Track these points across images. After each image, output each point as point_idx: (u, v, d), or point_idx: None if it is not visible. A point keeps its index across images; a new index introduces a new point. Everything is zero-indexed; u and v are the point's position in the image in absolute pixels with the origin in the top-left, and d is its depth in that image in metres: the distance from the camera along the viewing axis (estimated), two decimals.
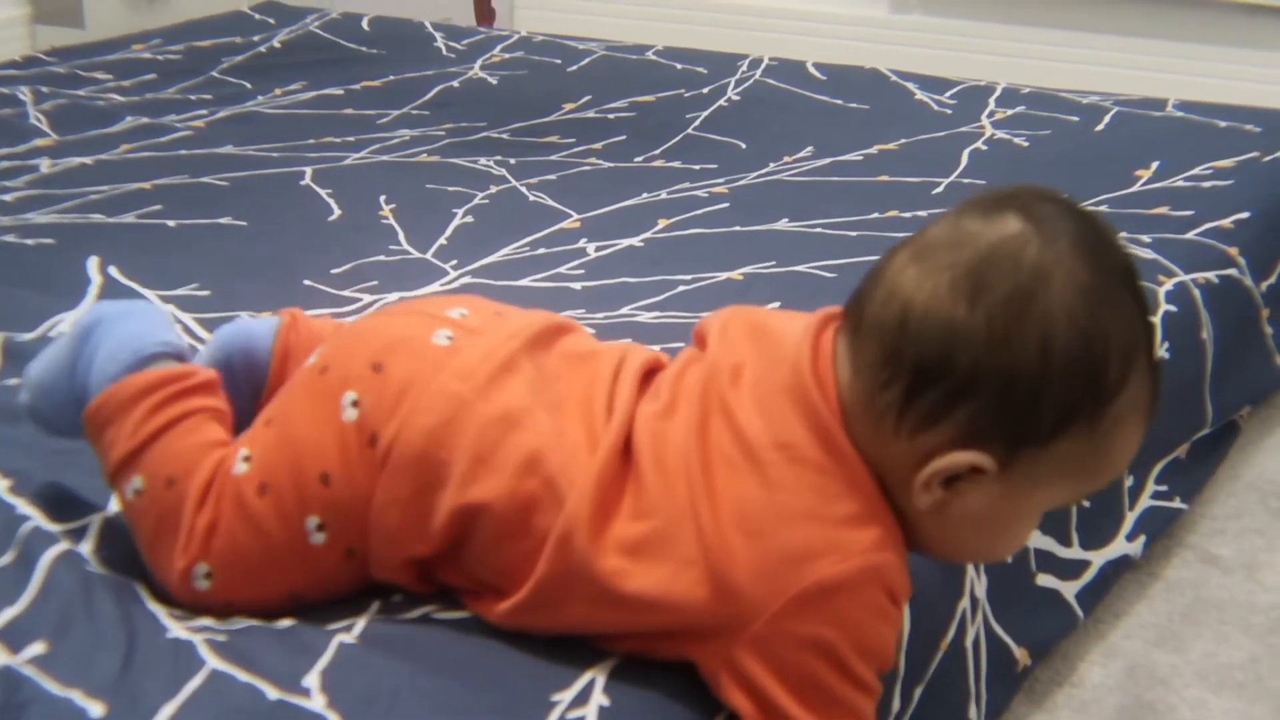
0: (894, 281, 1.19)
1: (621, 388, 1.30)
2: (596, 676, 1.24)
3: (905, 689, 1.44)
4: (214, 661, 1.24)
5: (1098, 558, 1.87)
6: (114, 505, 1.44)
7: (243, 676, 1.22)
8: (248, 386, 1.48)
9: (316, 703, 1.18)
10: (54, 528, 1.42)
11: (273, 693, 1.20)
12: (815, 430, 1.20)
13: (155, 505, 1.34)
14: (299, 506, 1.30)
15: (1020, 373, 1.15)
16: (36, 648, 1.24)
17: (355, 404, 1.30)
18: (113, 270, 2.10)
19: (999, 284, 1.15)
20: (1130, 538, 1.94)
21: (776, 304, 1.99)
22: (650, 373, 1.34)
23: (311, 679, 1.21)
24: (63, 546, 1.38)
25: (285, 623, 1.31)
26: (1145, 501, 2.01)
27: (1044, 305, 1.15)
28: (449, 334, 1.33)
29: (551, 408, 1.29)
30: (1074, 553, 1.82)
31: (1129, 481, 1.95)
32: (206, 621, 1.31)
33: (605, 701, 1.20)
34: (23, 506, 1.45)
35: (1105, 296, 1.17)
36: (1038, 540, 1.73)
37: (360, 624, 1.31)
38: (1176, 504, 2.08)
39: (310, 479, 1.30)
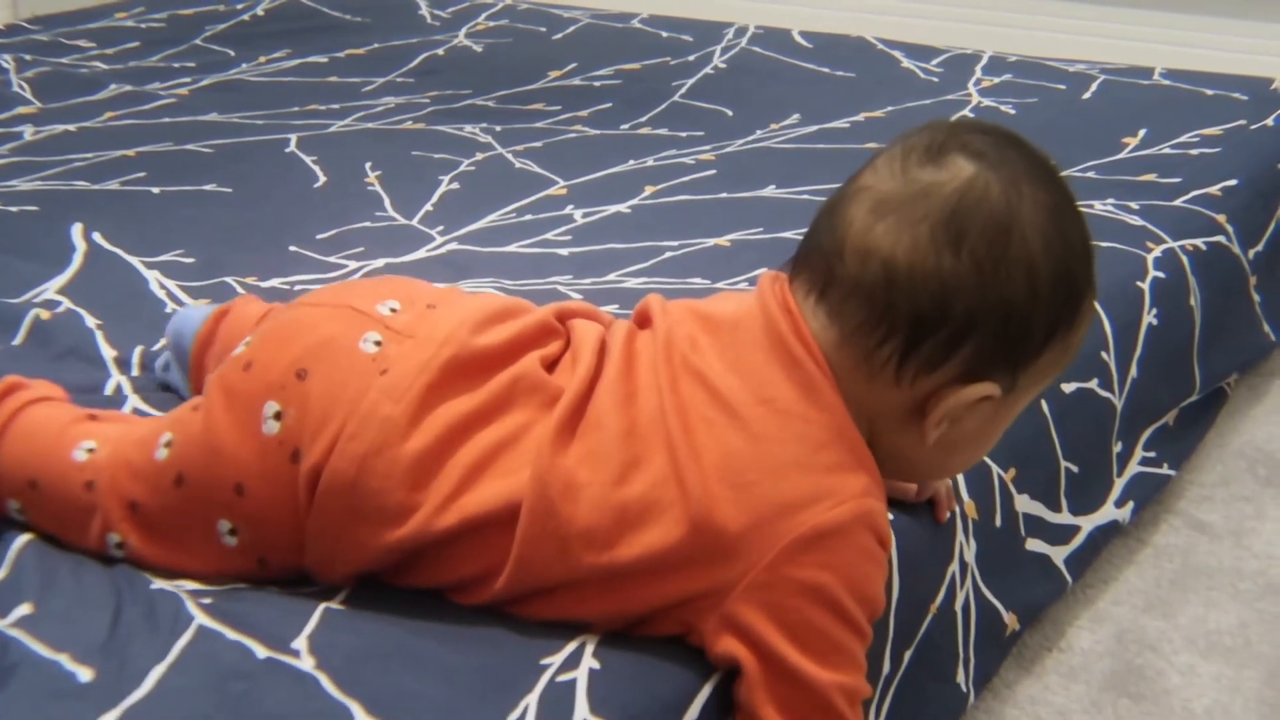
0: (864, 240, 1.20)
1: (580, 364, 1.28)
2: (586, 640, 1.23)
3: (895, 651, 1.44)
4: (202, 618, 1.23)
5: (1086, 523, 1.87)
6: None
7: (231, 635, 1.21)
8: (185, 373, 1.51)
9: (306, 663, 1.18)
10: None
11: (262, 651, 1.19)
12: (800, 383, 1.21)
13: (40, 510, 1.35)
14: (211, 509, 1.28)
15: (1014, 304, 1.19)
16: (23, 609, 1.24)
17: (277, 416, 1.26)
18: (97, 237, 2.09)
19: (976, 227, 1.18)
20: (1119, 504, 1.94)
21: (763, 270, 1.98)
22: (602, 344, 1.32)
23: (300, 641, 1.20)
24: None
25: (270, 587, 1.31)
26: (1134, 468, 2.00)
27: (1021, 237, 1.18)
28: (377, 338, 1.28)
29: (494, 407, 1.25)
30: (1063, 518, 1.82)
31: (1118, 448, 1.95)
32: (188, 584, 1.31)
33: (595, 665, 1.20)
34: None
35: (1064, 210, 1.22)
36: (1027, 505, 1.73)
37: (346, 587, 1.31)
38: (1165, 470, 2.07)
39: (224, 486, 1.27)
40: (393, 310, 1.30)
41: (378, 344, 1.27)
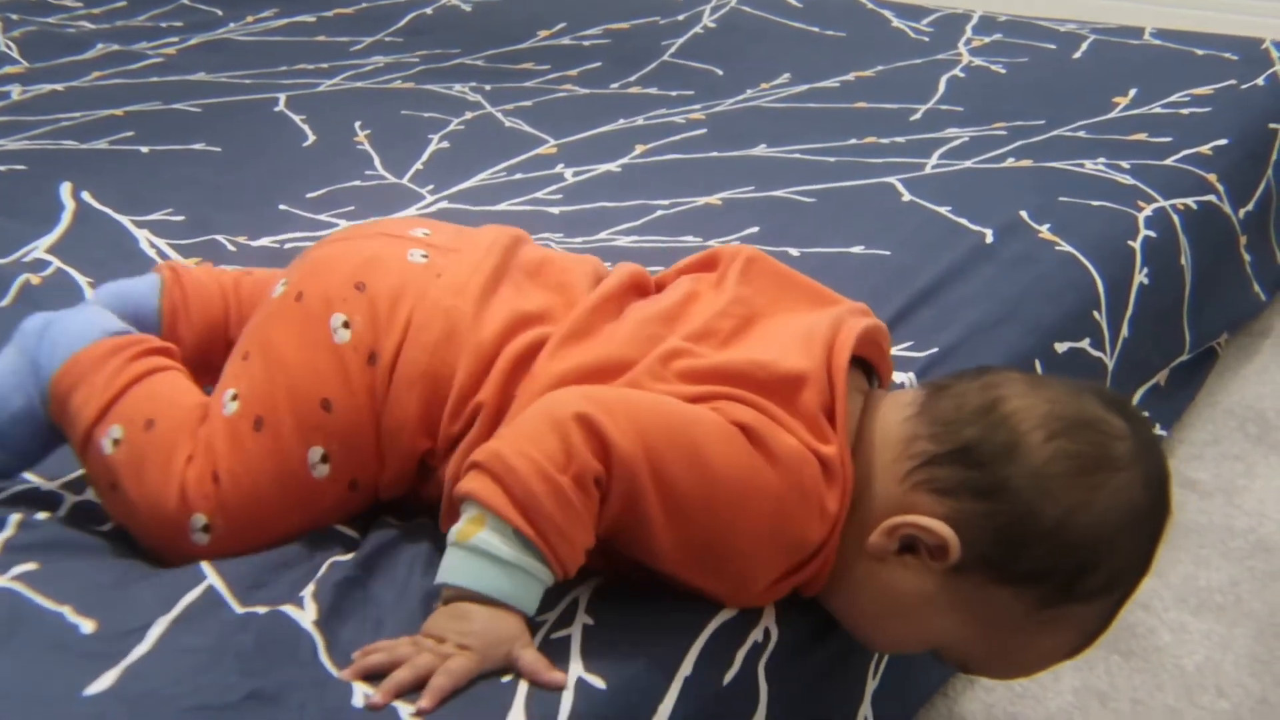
0: (1001, 381, 1.23)
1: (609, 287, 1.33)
2: (579, 595, 1.22)
3: None
4: (211, 574, 1.22)
5: None
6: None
7: (235, 590, 1.20)
8: None
9: (307, 615, 1.17)
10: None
11: (264, 608, 1.18)
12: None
13: (136, 449, 1.29)
14: (301, 437, 1.27)
15: (1036, 516, 1.18)
16: (27, 565, 1.23)
17: (346, 325, 1.28)
18: (85, 196, 2.08)
19: (1080, 444, 1.19)
20: None
21: (755, 229, 1.98)
22: (637, 285, 1.36)
23: (305, 591, 1.20)
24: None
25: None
26: None
27: (1093, 487, 1.18)
28: (422, 253, 1.33)
29: (538, 317, 1.29)
30: None
31: None
32: None
33: (589, 620, 1.19)
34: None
35: (1137, 526, 1.21)
36: None
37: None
38: (1157, 431, 2.07)
39: (311, 406, 1.27)
40: (425, 234, 1.36)
41: (425, 256, 1.32)
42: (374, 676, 1.10)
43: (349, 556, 1.26)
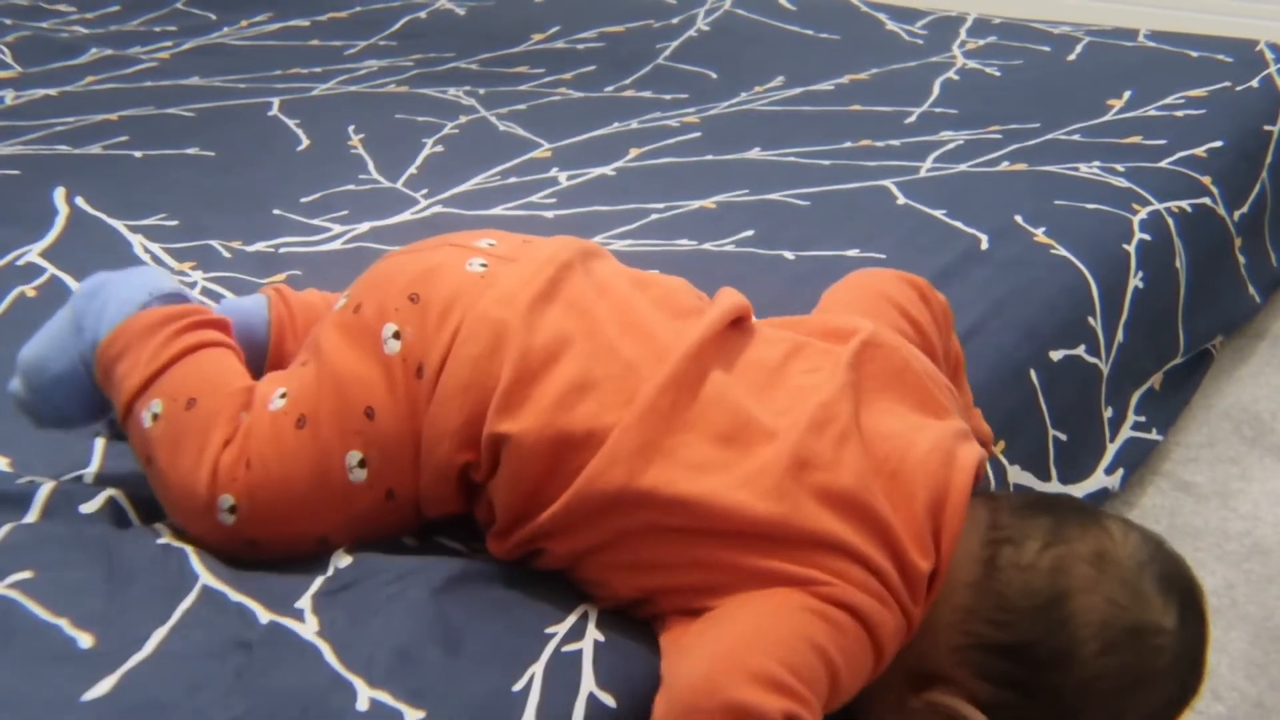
0: (1070, 561, 1.21)
1: (707, 321, 1.27)
2: (588, 611, 1.22)
3: None
4: (207, 578, 1.22)
5: (1077, 491, 1.86)
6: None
7: (234, 595, 1.20)
8: (248, 363, 1.47)
9: (308, 627, 1.17)
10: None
11: (265, 615, 1.18)
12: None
13: (174, 427, 1.30)
14: (340, 440, 1.27)
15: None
16: (23, 574, 1.22)
17: (396, 335, 1.27)
18: (79, 201, 2.08)
19: (1130, 658, 1.19)
20: (1109, 471, 1.93)
21: (750, 232, 1.98)
22: (739, 320, 1.32)
23: (303, 602, 1.20)
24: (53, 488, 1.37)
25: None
26: (1126, 433, 2.00)
27: (1135, 698, 1.20)
28: (482, 262, 1.30)
29: (591, 332, 1.25)
30: (1052, 487, 1.81)
31: (1108, 413, 1.95)
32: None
33: (600, 637, 1.18)
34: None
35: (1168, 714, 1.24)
36: (1016, 475, 1.73)
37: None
38: (1153, 435, 2.07)
39: (354, 412, 1.26)
40: (490, 244, 1.34)
41: (484, 265, 1.30)
42: (378, 677, 1.10)
43: (342, 567, 1.26)
